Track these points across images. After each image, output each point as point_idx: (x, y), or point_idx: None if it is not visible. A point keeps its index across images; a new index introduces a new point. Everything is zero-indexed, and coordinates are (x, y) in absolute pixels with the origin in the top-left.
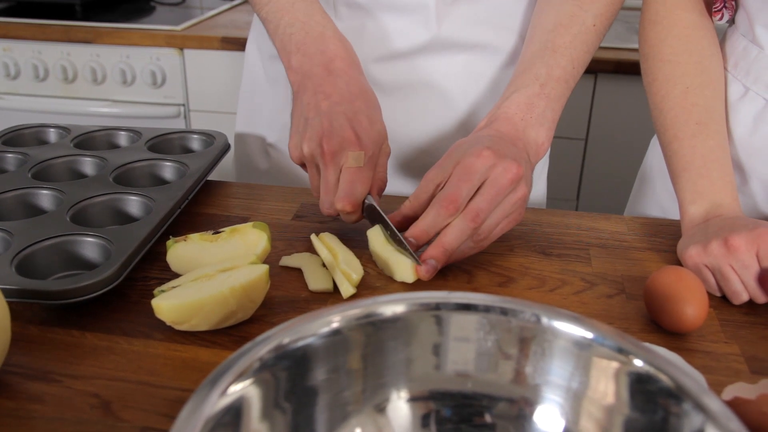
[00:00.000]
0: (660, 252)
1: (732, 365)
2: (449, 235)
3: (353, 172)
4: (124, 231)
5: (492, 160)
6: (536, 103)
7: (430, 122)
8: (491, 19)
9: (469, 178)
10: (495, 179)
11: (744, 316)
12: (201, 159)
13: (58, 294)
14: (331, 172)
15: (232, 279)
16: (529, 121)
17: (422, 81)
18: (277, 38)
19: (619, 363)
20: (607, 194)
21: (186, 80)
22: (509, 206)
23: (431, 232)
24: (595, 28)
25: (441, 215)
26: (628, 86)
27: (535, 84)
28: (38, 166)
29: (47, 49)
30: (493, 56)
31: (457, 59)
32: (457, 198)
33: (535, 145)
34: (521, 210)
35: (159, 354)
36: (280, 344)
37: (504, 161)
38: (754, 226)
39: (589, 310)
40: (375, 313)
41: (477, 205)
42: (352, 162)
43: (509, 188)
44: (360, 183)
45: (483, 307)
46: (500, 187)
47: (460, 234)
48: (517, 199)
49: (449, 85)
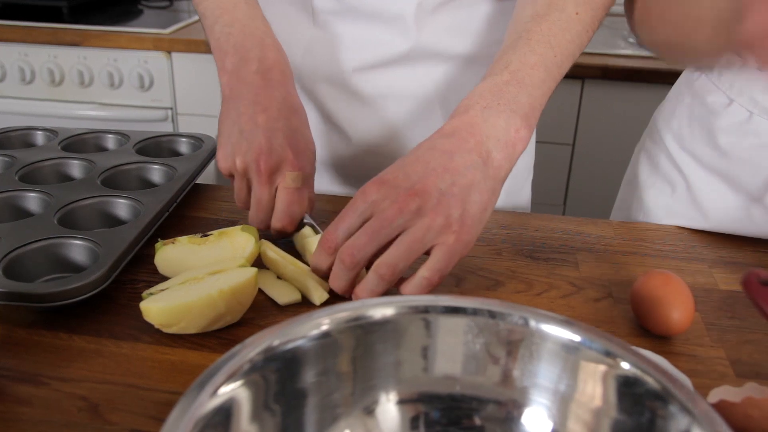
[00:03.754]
0: (646, 256)
1: (717, 368)
2: (333, 278)
3: (291, 192)
4: (112, 234)
5: (375, 195)
6: (505, 90)
7: (409, 132)
8: (471, 29)
9: (348, 217)
10: (378, 214)
11: (729, 320)
12: (189, 162)
13: (45, 297)
14: (266, 191)
15: (220, 282)
16: (496, 108)
17: (402, 91)
18: (213, 36)
19: (607, 366)
20: (594, 199)
21: (174, 83)
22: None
23: (320, 271)
24: (578, 16)
25: (320, 256)
26: (615, 92)
27: (504, 72)
28: (25, 169)
29: (34, 52)
30: (473, 66)
31: (437, 69)
32: (332, 238)
33: (504, 134)
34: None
35: (147, 357)
36: (270, 346)
37: (392, 193)
38: None
39: (576, 314)
40: (364, 315)
41: (350, 242)
42: (291, 183)
43: (398, 220)
44: (298, 204)
45: (471, 309)
46: (383, 220)
47: (339, 273)
48: (426, 227)
49: (428, 95)
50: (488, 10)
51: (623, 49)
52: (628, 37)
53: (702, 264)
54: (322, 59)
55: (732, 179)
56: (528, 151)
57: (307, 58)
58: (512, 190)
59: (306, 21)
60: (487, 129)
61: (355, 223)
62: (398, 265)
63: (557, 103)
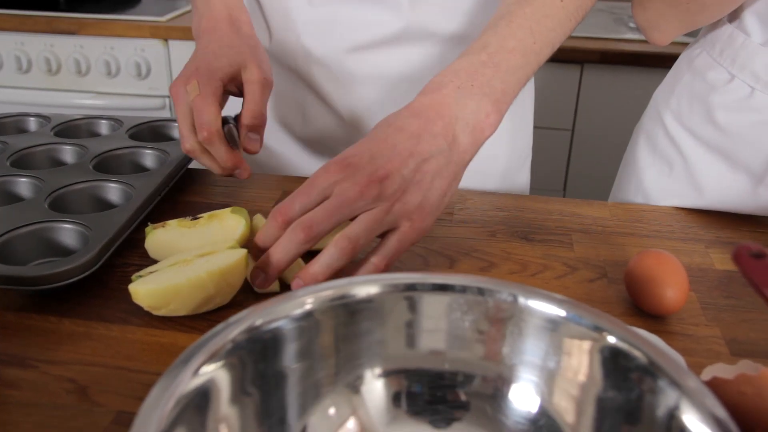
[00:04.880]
0: (643, 237)
1: (712, 347)
2: (277, 247)
3: (196, 101)
4: (102, 217)
5: (337, 175)
6: (481, 71)
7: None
8: (464, 9)
9: (307, 192)
10: (338, 193)
11: (725, 300)
12: None
13: (35, 280)
14: (180, 108)
15: (209, 263)
16: (469, 90)
17: (396, 71)
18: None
19: (594, 341)
20: (593, 184)
21: (171, 72)
22: (376, 215)
23: (266, 243)
24: (562, 3)
25: (271, 228)
26: (615, 76)
27: (482, 52)
28: (17, 154)
29: (30, 41)
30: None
31: (430, 49)
32: (288, 210)
33: (474, 119)
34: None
35: (137, 339)
36: (253, 325)
37: (355, 175)
38: None
39: (571, 294)
40: (348, 294)
41: (307, 216)
42: (190, 93)
43: (358, 203)
44: (205, 109)
45: (459, 287)
46: (343, 200)
47: (288, 244)
48: (382, 211)
49: (422, 76)
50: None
51: (622, 33)
52: (628, 21)
53: (699, 244)
54: (316, 40)
55: (731, 157)
56: (526, 134)
57: (301, 38)
58: (509, 173)
59: (301, 1)
60: (457, 110)
61: (314, 200)
62: (359, 239)
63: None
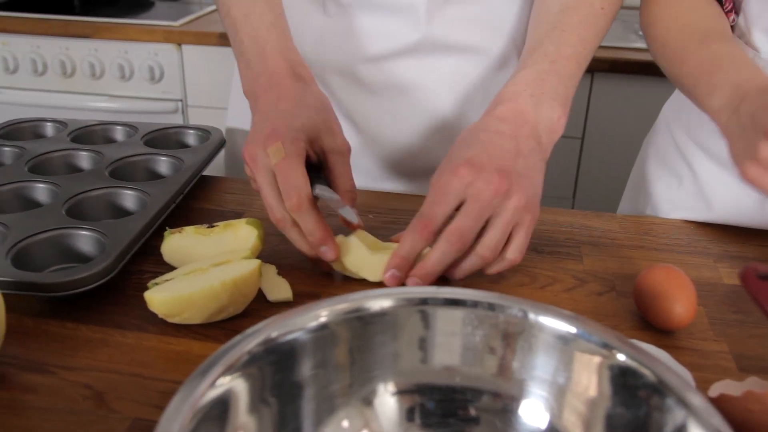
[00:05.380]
0: (652, 250)
1: (720, 363)
2: (431, 259)
3: (280, 165)
4: (119, 224)
5: (470, 176)
6: (547, 79)
7: (418, 124)
8: (481, 21)
9: (444, 200)
10: (476, 195)
11: (733, 315)
12: (196, 154)
13: (53, 286)
14: (261, 177)
15: (223, 273)
16: (541, 97)
17: (411, 82)
18: (235, 51)
19: (604, 358)
20: (603, 193)
21: (184, 76)
22: (508, 217)
23: (411, 258)
24: (603, 10)
25: (416, 240)
26: (625, 85)
27: (545, 61)
28: (35, 160)
29: (46, 44)
30: (482, 58)
31: (446, 61)
32: (432, 221)
33: (549, 122)
34: (530, 216)
35: (152, 346)
36: (269, 338)
37: (483, 174)
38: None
39: (579, 308)
40: (363, 307)
41: (457, 226)
42: (272, 156)
43: (495, 200)
44: (291, 173)
45: (471, 302)
46: (483, 201)
47: (442, 257)
48: (513, 207)
49: (438, 86)
50: (499, 4)
51: (633, 42)
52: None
53: (707, 258)
54: (332, 50)
55: None
56: None
57: (317, 48)
58: None
59: (317, 11)
60: (536, 115)
61: (452, 206)
62: (498, 246)
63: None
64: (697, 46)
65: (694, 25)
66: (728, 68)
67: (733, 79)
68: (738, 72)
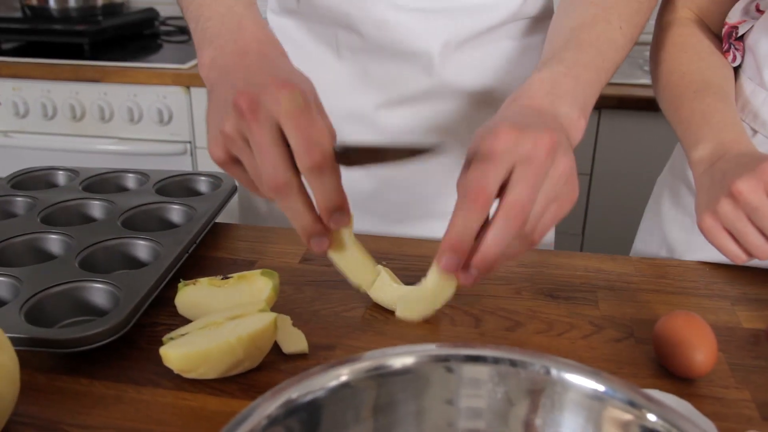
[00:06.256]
0: (668, 294)
1: (743, 412)
2: (490, 239)
3: (298, 116)
4: (132, 277)
5: (514, 136)
6: (563, 81)
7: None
8: (494, 65)
9: (494, 164)
10: (527, 157)
11: (754, 360)
12: (208, 202)
13: (67, 342)
14: (264, 130)
15: (239, 328)
16: (557, 95)
17: (425, 126)
18: (196, 36)
19: (632, 416)
20: (612, 229)
21: (192, 118)
22: (553, 186)
23: (466, 239)
24: (621, 30)
25: (471, 215)
26: (632, 122)
27: (560, 65)
28: (47, 210)
29: (56, 88)
30: (494, 101)
31: (460, 105)
32: (486, 190)
33: (568, 120)
34: (571, 188)
35: (167, 403)
36: (289, 399)
37: (530, 132)
38: (757, 162)
39: (597, 355)
40: (384, 365)
41: (517, 197)
42: (289, 104)
43: (548, 162)
44: (314, 125)
45: (492, 358)
46: (537, 164)
47: (502, 238)
48: (559, 175)
49: (450, 129)
50: (510, 47)
51: (640, 78)
52: (643, 66)
53: (725, 301)
54: (345, 95)
55: None
56: None
57: (331, 94)
58: None
59: (330, 57)
60: (554, 111)
61: (504, 170)
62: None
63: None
64: (693, 95)
65: (694, 74)
66: (716, 125)
67: (718, 137)
68: (725, 131)
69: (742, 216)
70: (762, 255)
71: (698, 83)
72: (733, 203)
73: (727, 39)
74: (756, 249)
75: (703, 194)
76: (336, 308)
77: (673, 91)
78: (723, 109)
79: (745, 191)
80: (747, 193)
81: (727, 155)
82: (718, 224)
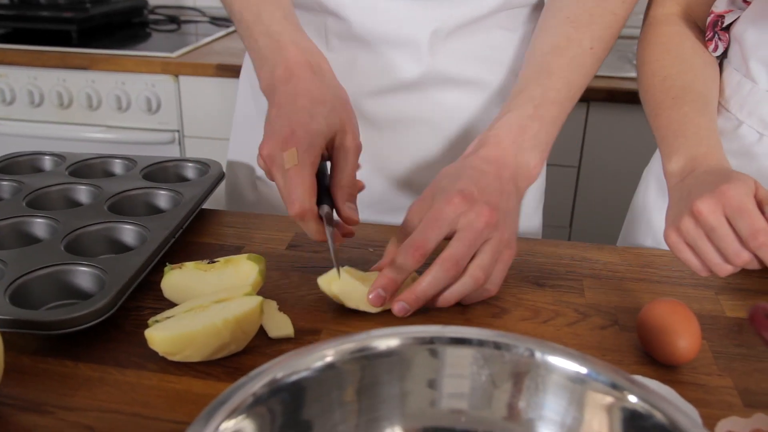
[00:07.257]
0: (653, 283)
1: (725, 398)
2: (422, 284)
3: (290, 173)
4: (118, 260)
5: (463, 206)
6: (529, 125)
7: (420, 156)
8: (483, 54)
9: (438, 225)
10: (468, 225)
11: (737, 348)
12: (195, 188)
13: (52, 324)
14: (278, 175)
15: (225, 311)
16: (522, 144)
17: (413, 115)
18: (251, 54)
19: (613, 398)
20: (600, 221)
21: (181, 106)
22: (496, 247)
23: (399, 279)
24: (592, 50)
25: (406, 262)
26: (621, 114)
27: (529, 105)
28: (33, 194)
29: (43, 75)
30: (484, 91)
31: (448, 94)
32: (425, 244)
33: (526, 169)
34: (509, 249)
35: (152, 385)
36: (274, 379)
37: (476, 206)
38: (718, 183)
39: (583, 342)
40: (369, 347)
41: (453, 252)
42: (286, 162)
43: (485, 232)
44: (299, 185)
45: (477, 341)
46: (475, 232)
47: (434, 282)
48: (499, 241)
49: (440, 119)
50: (501, 37)
51: (628, 71)
52: (631, 58)
53: (709, 291)
54: None
55: None
56: (541, 177)
57: None
58: (526, 215)
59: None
60: (516, 163)
61: (444, 232)
62: (489, 270)
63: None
64: (672, 102)
65: (675, 78)
66: (691, 137)
67: (691, 150)
68: (698, 144)
69: (702, 234)
70: (720, 272)
71: (677, 89)
72: (694, 222)
73: (711, 28)
74: (714, 266)
75: (673, 207)
76: (322, 294)
77: (654, 96)
78: (698, 121)
79: (704, 212)
80: (706, 214)
81: (696, 171)
82: (681, 240)
